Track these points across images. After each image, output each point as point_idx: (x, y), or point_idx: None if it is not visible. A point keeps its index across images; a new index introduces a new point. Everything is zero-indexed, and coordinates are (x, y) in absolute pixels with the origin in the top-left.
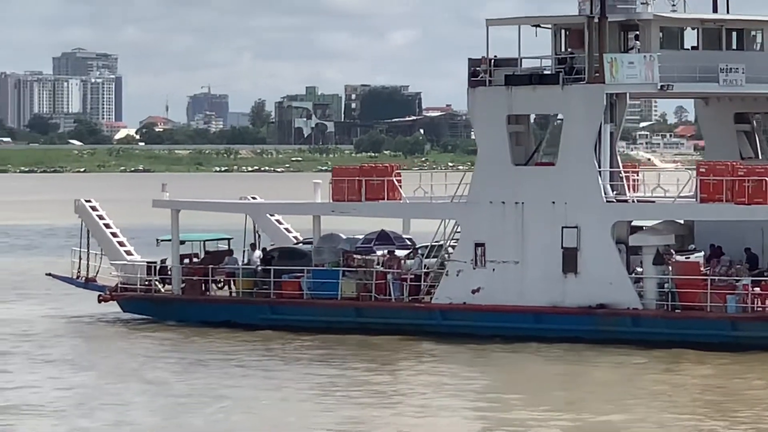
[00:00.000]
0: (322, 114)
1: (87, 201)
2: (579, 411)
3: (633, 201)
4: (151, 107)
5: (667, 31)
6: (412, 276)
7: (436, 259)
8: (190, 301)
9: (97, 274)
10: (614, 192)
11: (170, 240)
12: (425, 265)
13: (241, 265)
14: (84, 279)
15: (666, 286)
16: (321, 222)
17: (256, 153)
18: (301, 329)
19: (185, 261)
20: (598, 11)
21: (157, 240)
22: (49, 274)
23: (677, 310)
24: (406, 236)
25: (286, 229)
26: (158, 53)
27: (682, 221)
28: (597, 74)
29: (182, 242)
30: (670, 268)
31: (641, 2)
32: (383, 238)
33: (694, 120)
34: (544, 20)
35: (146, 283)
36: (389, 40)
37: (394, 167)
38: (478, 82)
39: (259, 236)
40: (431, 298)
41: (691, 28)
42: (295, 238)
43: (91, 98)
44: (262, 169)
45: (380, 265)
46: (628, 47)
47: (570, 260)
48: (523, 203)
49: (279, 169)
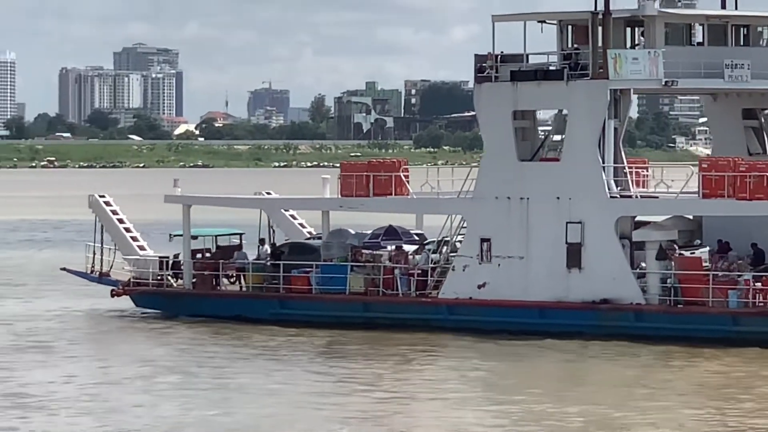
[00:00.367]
0: (381, 109)
1: (101, 196)
2: (583, 406)
3: (636, 196)
4: (211, 102)
5: (672, 27)
6: (419, 271)
7: (440, 255)
8: (200, 296)
9: (110, 268)
10: (618, 187)
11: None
12: (432, 260)
13: (249, 260)
14: (98, 274)
15: (669, 281)
16: (330, 217)
17: (315, 148)
18: (309, 324)
19: (198, 256)
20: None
21: (170, 235)
22: (64, 269)
23: (680, 305)
24: (416, 231)
25: (301, 224)
26: (219, 48)
27: (690, 217)
28: (601, 70)
29: (195, 237)
30: (672, 263)
31: None
32: (391, 233)
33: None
34: (550, 16)
35: (158, 277)
36: (450, 36)
37: (402, 162)
38: (484, 77)
39: (273, 231)
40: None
41: (697, 24)
42: (309, 233)
43: (151, 93)
44: (321, 164)
45: (389, 260)
46: (635, 44)
47: (574, 255)
48: (528, 199)
49: (338, 165)
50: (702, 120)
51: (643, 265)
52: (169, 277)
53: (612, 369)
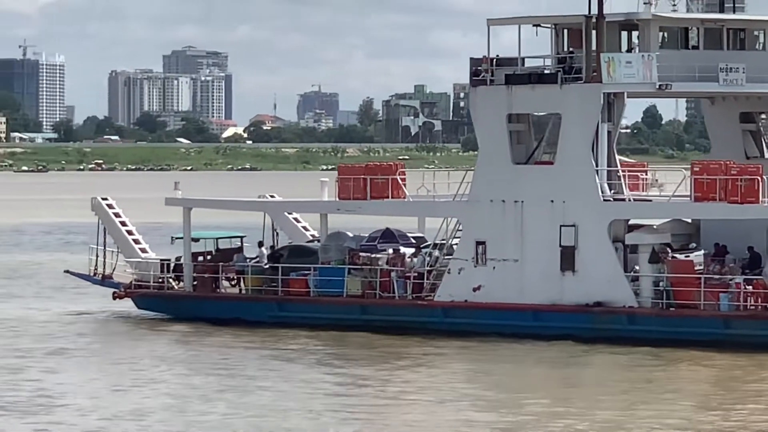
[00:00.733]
0: (429, 112)
1: (104, 199)
2: (578, 409)
3: (629, 200)
4: (260, 105)
5: (667, 30)
6: (416, 274)
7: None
8: (200, 298)
9: (113, 271)
10: (612, 191)
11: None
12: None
13: (247, 262)
14: (101, 276)
15: (661, 284)
16: (329, 220)
17: (363, 151)
18: (308, 326)
19: (199, 259)
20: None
21: (172, 238)
22: (68, 271)
23: (672, 308)
24: (414, 234)
25: (304, 227)
26: (269, 51)
27: (689, 220)
28: (595, 73)
29: (196, 240)
30: (665, 266)
31: (644, 2)
32: (388, 236)
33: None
34: (544, 20)
35: (159, 280)
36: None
37: (399, 165)
38: (480, 81)
39: (277, 234)
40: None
41: (695, 28)
42: (313, 236)
43: (200, 96)
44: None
45: (386, 263)
46: (630, 47)
47: (568, 258)
48: (522, 202)
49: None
50: None
51: (637, 268)
52: (171, 280)
53: (606, 372)
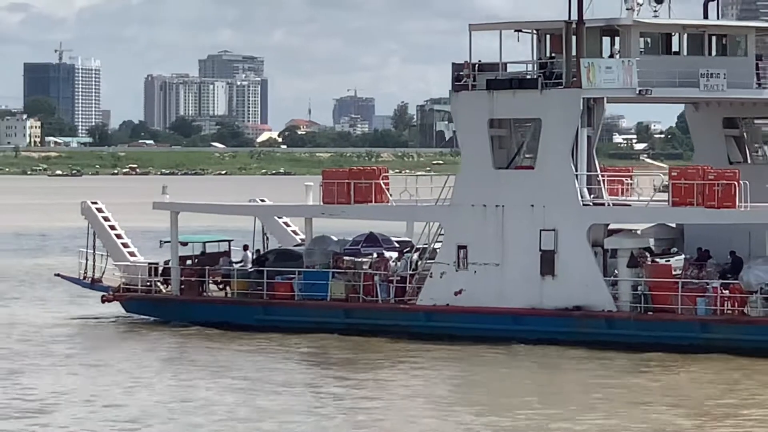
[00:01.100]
0: None
1: (93, 203)
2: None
3: (608, 204)
4: (296, 110)
5: (649, 36)
6: (398, 278)
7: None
8: (187, 302)
9: (102, 274)
10: (592, 195)
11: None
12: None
13: (232, 266)
14: (90, 280)
15: (639, 288)
16: (313, 224)
17: (397, 156)
18: (292, 330)
19: (188, 262)
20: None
21: (160, 242)
22: (58, 275)
23: (649, 313)
24: (400, 239)
25: (294, 231)
26: (306, 56)
27: (673, 225)
28: (575, 79)
29: (185, 243)
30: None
31: (626, 8)
32: (371, 240)
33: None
34: (525, 25)
35: (147, 283)
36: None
37: (382, 170)
38: (461, 86)
39: (267, 238)
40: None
41: (679, 34)
42: (302, 240)
43: (236, 101)
44: (404, 172)
45: (369, 267)
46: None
47: (548, 263)
48: (503, 206)
49: (420, 173)
50: None
51: (617, 272)
52: (159, 283)
53: (584, 376)
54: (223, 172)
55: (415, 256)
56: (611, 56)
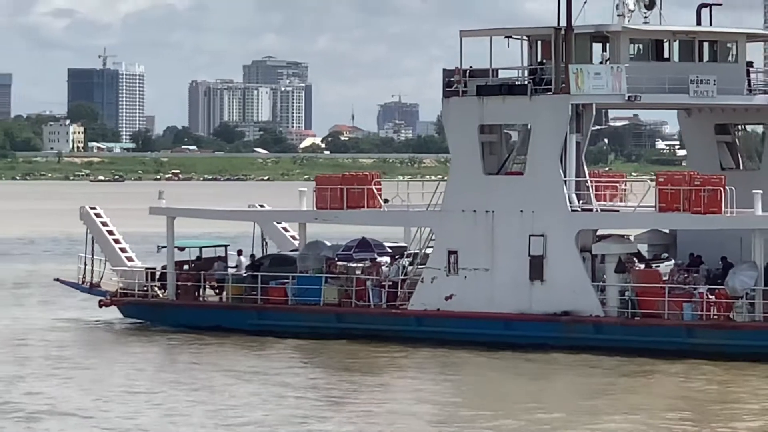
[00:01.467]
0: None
1: (92, 208)
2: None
3: (597, 210)
4: (339, 116)
5: (640, 42)
6: (390, 283)
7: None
8: (182, 307)
9: (101, 279)
10: (581, 201)
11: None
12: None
13: (225, 271)
14: (89, 284)
15: (627, 293)
16: (306, 229)
17: (440, 162)
18: (286, 335)
19: (185, 267)
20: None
21: (157, 247)
22: (57, 280)
23: (636, 318)
24: (394, 244)
25: (292, 236)
26: (350, 62)
27: (667, 231)
28: (564, 85)
29: (182, 249)
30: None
31: (617, 14)
32: (364, 245)
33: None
34: (516, 32)
35: (144, 288)
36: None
37: (375, 176)
38: (452, 92)
39: (266, 243)
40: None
41: (671, 41)
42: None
43: (280, 106)
44: (446, 177)
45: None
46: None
47: (536, 268)
48: (493, 212)
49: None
50: None
51: (606, 277)
52: (156, 288)
53: (574, 380)
54: (266, 177)
55: (407, 261)
56: (602, 62)
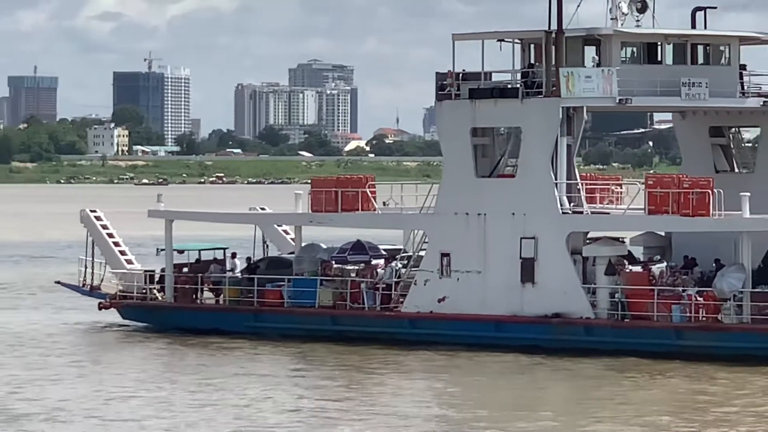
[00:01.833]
0: None
1: (92, 211)
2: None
3: (587, 213)
4: (385, 119)
5: (634, 46)
6: (384, 285)
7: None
8: (180, 309)
9: (101, 282)
10: (572, 203)
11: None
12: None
13: (221, 274)
14: (89, 287)
15: (617, 296)
16: (302, 232)
17: None
18: (282, 337)
19: (184, 270)
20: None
21: (157, 249)
22: (58, 282)
23: (626, 320)
24: (391, 246)
25: (293, 239)
26: (395, 65)
27: (662, 233)
28: (554, 88)
29: (181, 251)
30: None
31: (610, 18)
32: (358, 248)
33: None
34: (507, 35)
35: (143, 291)
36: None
37: (369, 179)
38: (445, 95)
39: (267, 246)
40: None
41: (665, 44)
42: None
43: (326, 110)
44: None
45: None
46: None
47: (528, 270)
48: (485, 214)
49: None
50: None
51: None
52: (155, 291)
53: (562, 383)
54: (309, 181)
55: (400, 263)
56: (596, 65)
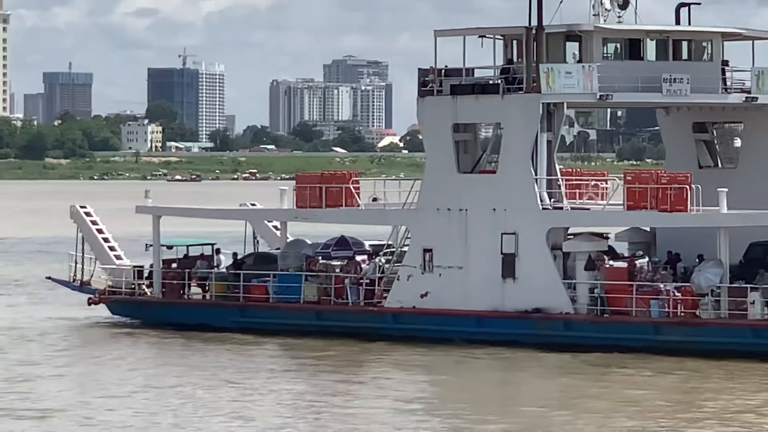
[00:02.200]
0: (584, 122)
1: (82, 207)
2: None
3: (567, 208)
4: None
5: (616, 42)
6: (368, 280)
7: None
8: (167, 305)
9: (91, 277)
10: (552, 199)
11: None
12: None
13: (207, 270)
14: (79, 282)
15: (596, 291)
16: (292, 228)
17: None
18: (268, 332)
19: (173, 265)
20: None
21: (146, 245)
22: (49, 278)
23: (605, 315)
24: (378, 242)
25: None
26: (430, 60)
27: (647, 229)
28: (535, 84)
29: (170, 247)
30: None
31: (593, 14)
32: (342, 243)
33: None
34: (489, 31)
35: (132, 286)
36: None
37: (352, 174)
38: (427, 91)
39: (257, 242)
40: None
41: (648, 40)
42: None
43: (360, 105)
44: None
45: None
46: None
47: (509, 266)
48: (466, 210)
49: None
50: None
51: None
52: (144, 286)
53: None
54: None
55: (383, 259)
56: (579, 62)
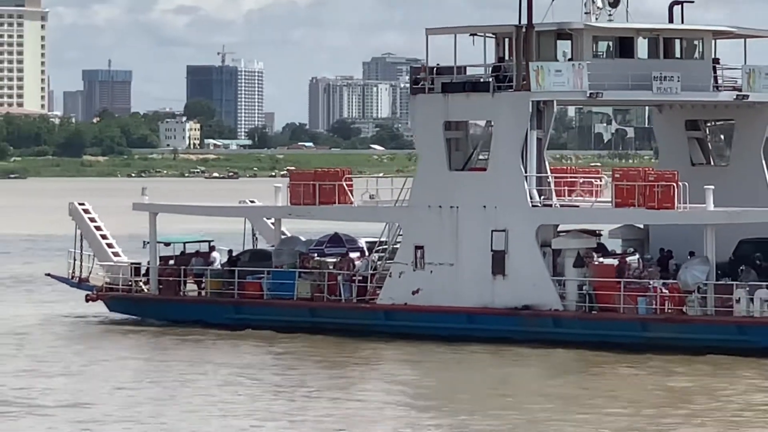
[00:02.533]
0: (622, 119)
1: (80, 204)
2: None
3: (556, 206)
4: None
5: (608, 40)
6: (360, 277)
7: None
8: (164, 301)
9: (89, 274)
10: (542, 197)
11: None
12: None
13: (202, 266)
14: (78, 279)
15: (585, 288)
16: (289, 225)
17: (555, 158)
18: (262, 328)
19: (170, 262)
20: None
21: (143, 242)
22: (48, 275)
23: (594, 312)
24: (372, 239)
25: (282, 232)
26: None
27: (641, 226)
28: (525, 82)
29: (167, 244)
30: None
31: (584, 12)
32: (335, 240)
33: None
34: (480, 29)
35: (129, 283)
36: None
37: (346, 172)
38: (419, 89)
39: (256, 238)
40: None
41: (641, 38)
42: None
43: (399, 103)
44: None
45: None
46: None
47: (499, 262)
48: (457, 207)
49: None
50: None
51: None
52: (141, 283)
53: (531, 376)
54: (380, 174)
55: (376, 256)
56: (570, 60)
